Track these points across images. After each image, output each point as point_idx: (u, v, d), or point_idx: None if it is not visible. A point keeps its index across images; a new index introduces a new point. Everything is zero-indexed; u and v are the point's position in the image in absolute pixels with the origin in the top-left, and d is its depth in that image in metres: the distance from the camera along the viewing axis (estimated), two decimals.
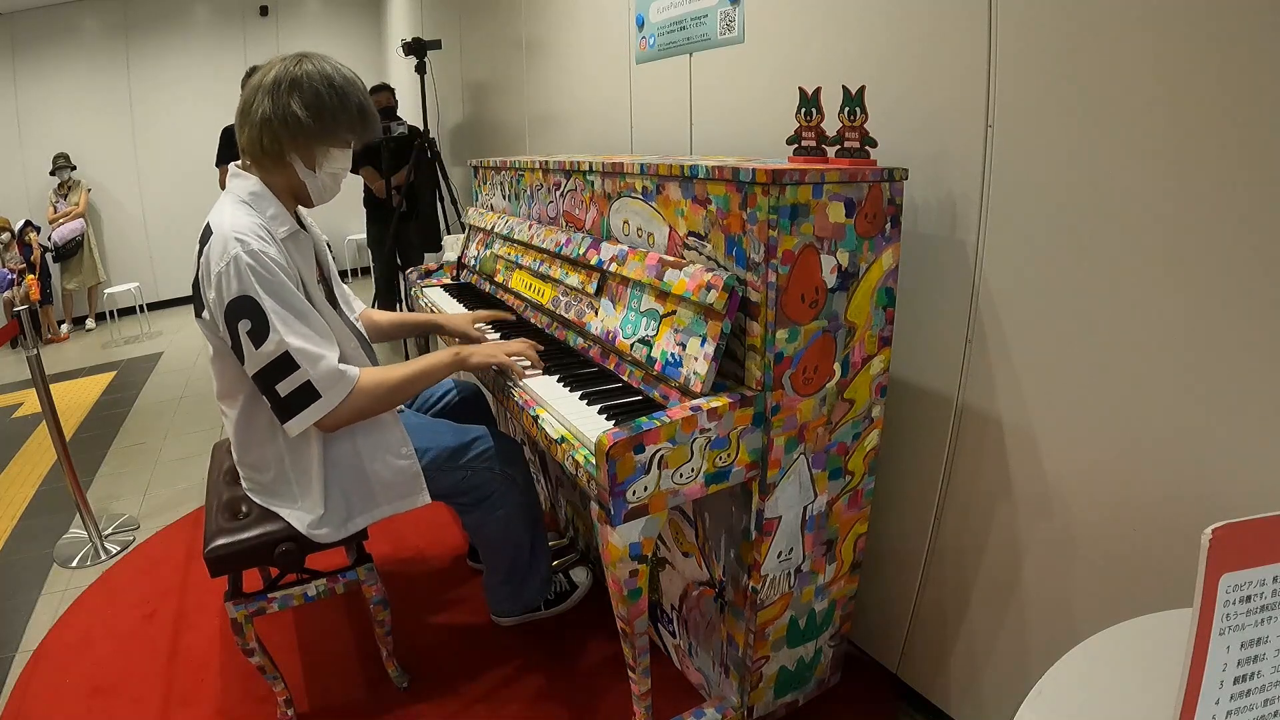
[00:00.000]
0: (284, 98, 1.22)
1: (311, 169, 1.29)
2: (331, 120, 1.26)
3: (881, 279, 1.17)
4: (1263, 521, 0.57)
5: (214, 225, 1.21)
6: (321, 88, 1.24)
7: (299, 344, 1.19)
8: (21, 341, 2.18)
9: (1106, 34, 0.98)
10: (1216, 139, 0.89)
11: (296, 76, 1.23)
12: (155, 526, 2.43)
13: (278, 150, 1.25)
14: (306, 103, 1.23)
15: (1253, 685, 0.60)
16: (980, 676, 1.36)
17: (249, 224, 1.21)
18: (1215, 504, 0.95)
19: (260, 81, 1.24)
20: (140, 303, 5.61)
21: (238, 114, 1.27)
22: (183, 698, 1.62)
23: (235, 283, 1.16)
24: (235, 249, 1.16)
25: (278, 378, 1.19)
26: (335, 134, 1.28)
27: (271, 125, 1.23)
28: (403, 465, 1.41)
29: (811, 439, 1.18)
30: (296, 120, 1.22)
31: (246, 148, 1.27)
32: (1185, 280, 0.95)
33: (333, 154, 1.30)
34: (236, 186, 1.28)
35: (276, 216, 1.28)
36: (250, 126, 1.24)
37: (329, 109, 1.25)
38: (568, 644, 1.71)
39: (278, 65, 1.25)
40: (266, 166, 1.28)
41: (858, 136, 1.15)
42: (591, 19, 2.29)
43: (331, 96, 1.25)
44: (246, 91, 1.26)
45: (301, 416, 1.22)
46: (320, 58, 1.27)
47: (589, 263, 1.44)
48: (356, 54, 6.52)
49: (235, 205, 1.24)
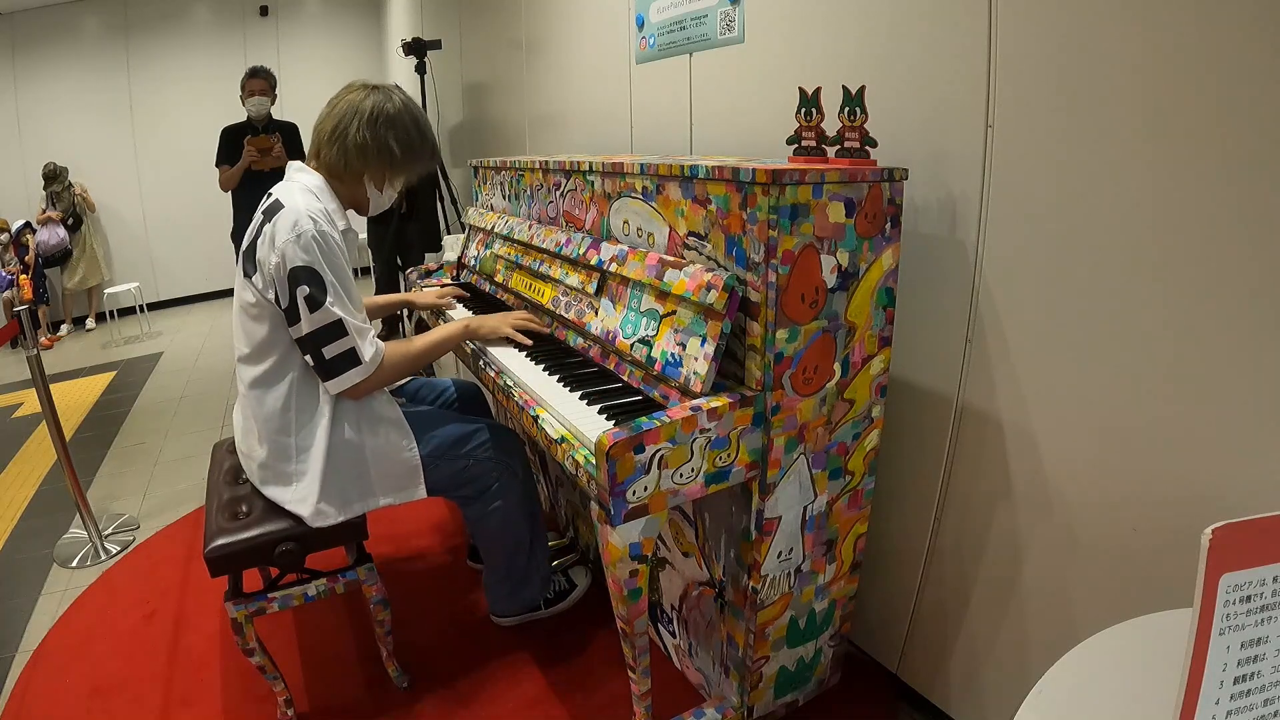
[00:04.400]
0: (381, 132, 1.39)
1: (379, 190, 1.46)
2: (415, 157, 1.45)
3: (881, 279, 1.17)
4: (1263, 521, 0.57)
5: (285, 201, 1.31)
6: (412, 129, 1.43)
7: (349, 317, 1.31)
8: (21, 341, 2.18)
9: (1106, 34, 0.98)
10: (1216, 139, 0.89)
11: (391, 115, 1.40)
12: (155, 526, 2.43)
13: (360, 171, 1.41)
14: (399, 140, 1.41)
15: (1253, 685, 0.60)
16: (980, 676, 1.36)
17: (319, 209, 1.33)
18: (1215, 504, 0.94)
19: (357, 107, 1.38)
20: (140, 303, 5.60)
21: (326, 130, 1.40)
22: (183, 698, 1.62)
23: (303, 253, 1.27)
24: (308, 225, 1.28)
25: (327, 341, 1.31)
26: (413, 167, 1.47)
27: (365, 152, 1.39)
28: (403, 458, 1.45)
29: (811, 439, 1.18)
30: (390, 152, 1.40)
31: (328, 160, 1.41)
32: (1185, 280, 0.95)
33: (399, 178, 1.48)
34: (304, 179, 1.40)
35: (337, 212, 1.41)
36: (342, 147, 1.39)
37: (415, 146, 1.44)
38: (568, 644, 1.71)
39: (371, 95, 1.40)
40: (341, 177, 1.42)
41: (858, 136, 1.15)
42: (591, 19, 2.29)
43: (418, 137, 1.44)
44: (339, 113, 1.39)
45: (342, 378, 1.34)
46: (401, 93, 1.45)
47: (589, 263, 1.44)
48: (356, 54, 6.54)
49: (306, 193, 1.36)
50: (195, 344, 5.02)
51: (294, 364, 1.36)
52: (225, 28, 6.19)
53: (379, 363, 1.36)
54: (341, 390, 1.35)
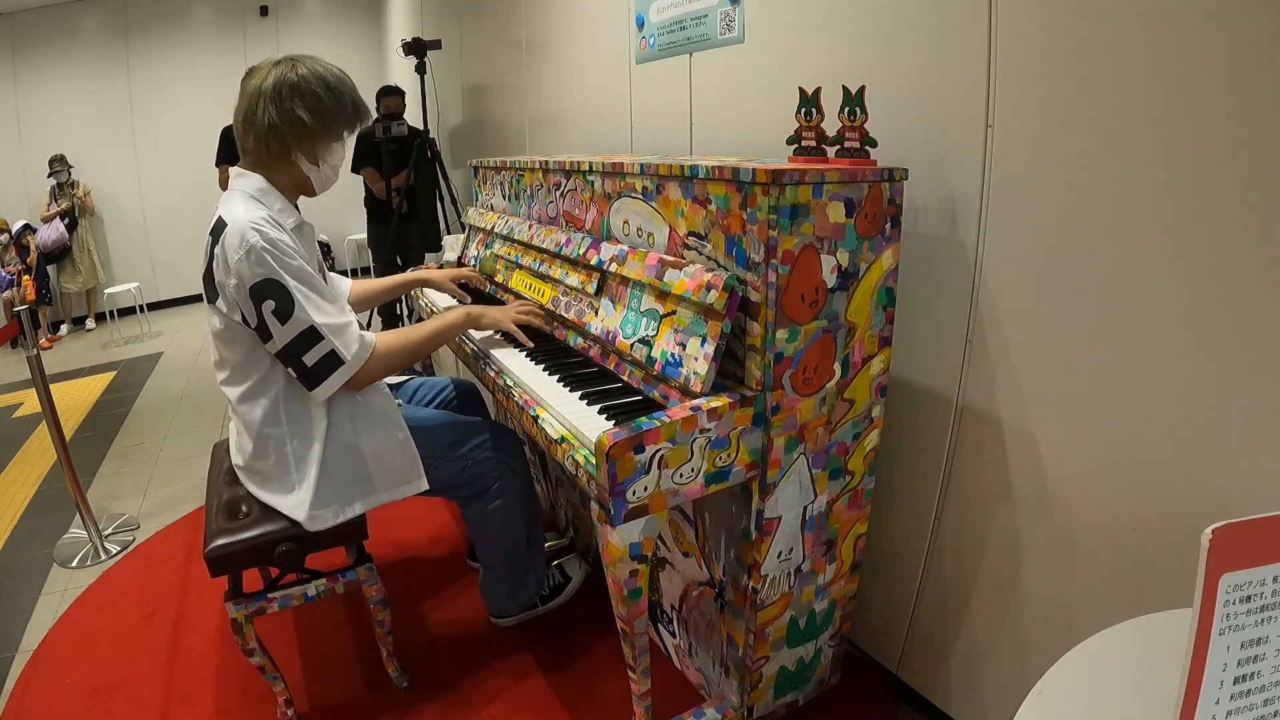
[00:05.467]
0: (287, 103, 1.29)
1: (315, 164, 1.37)
2: (331, 119, 1.34)
3: (881, 279, 1.17)
4: (1263, 521, 0.57)
5: (227, 218, 1.26)
6: (319, 90, 1.31)
7: (321, 319, 1.27)
8: (21, 341, 2.18)
9: (1106, 34, 0.98)
10: (1217, 138, 0.89)
11: (294, 82, 1.30)
12: (155, 526, 2.43)
13: (284, 151, 1.32)
14: (308, 106, 1.30)
15: (1253, 685, 0.60)
16: (980, 676, 1.36)
17: (262, 215, 1.27)
18: (1215, 504, 0.94)
19: (260, 88, 1.30)
20: (140, 303, 5.61)
21: (239, 120, 1.33)
22: (183, 698, 1.62)
23: (257, 267, 1.23)
24: (253, 238, 1.23)
25: (304, 350, 1.27)
26: (335, 131, 1.36)
27: (279, 130, 1.30)
28: (401, 450, 1.44)
29: (811, 439, 1.18)
30: (301, 123, 1.30)
31: (252, 151, 1.34)
32: (1185, 280, 0.95)
33: (333, 148, 1.39)
34: (243, 185, 1.33)
35: (283, 210, 1.34)
36: (255, 133, 1.31)
37: (329, 109, 1.33)
38: (568, 644, 1.71)
39: (273, 71, 1.31)
40: (272, 166, 1.34)
41: (858, 136, 1.15)
42: (591, 19, 2.29)
43: (329, 97, 1.33)
44: (246, 99, 1.32)
45: (328, 382, 1.30)
46: (309, 59, 1.34)
47: (589, 263, 1.44)
48: (356, 54, 6.53)
49: (245, 200, 1.30)
50: (195, 344, 5.02)
51: (276, 378, 1.34)
52: (225, 27, 6.19)
53: (367, 355, 1.32)
54: (331, 393, 1.32)
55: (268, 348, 1.28)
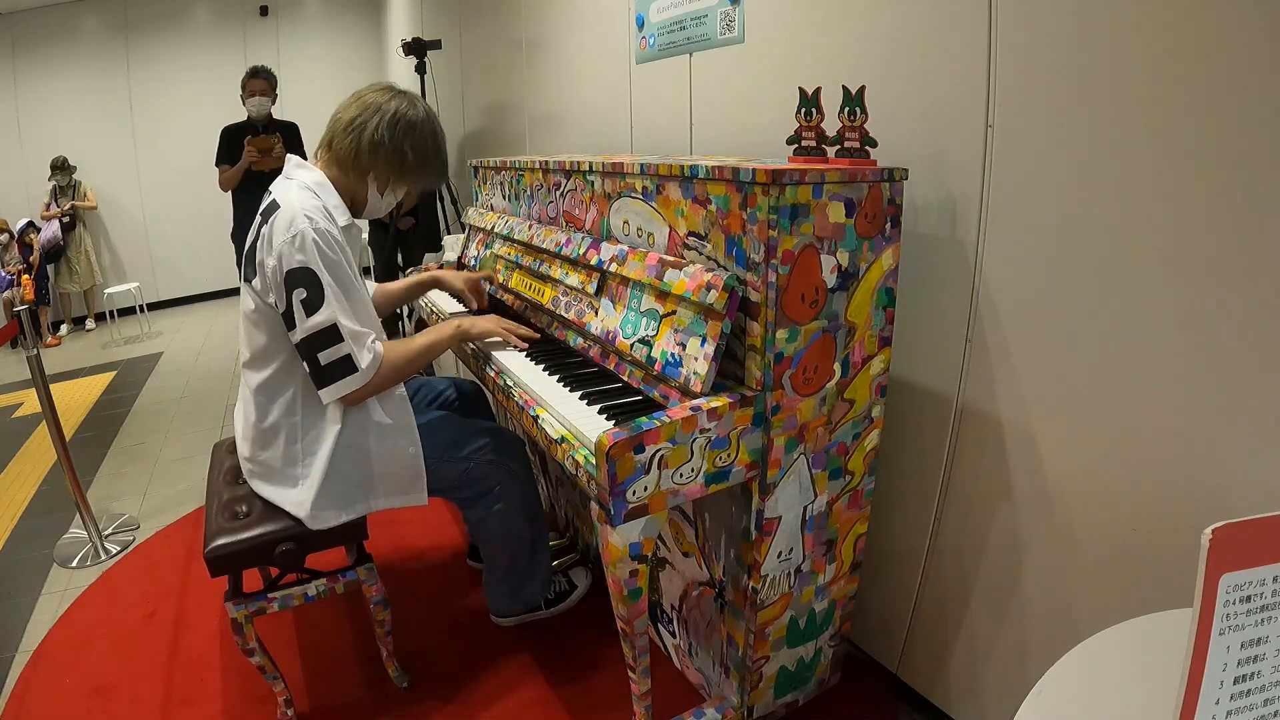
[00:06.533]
0: (400, 135, 1.37)
1: (380, 193, 1.44)
2: (425, 167, 1.43)
3: (881, 279, 1.17)
4: (1263, 521, 0.57)
5: (281, 201, 1.29)
6: (429, 141, 1.42)
7: (347, 321, 1.28)
8: (21, 341, 2.18)
9: (1106, 34, 0.98)
10: (1217, 138, 0.89)
11: (414, 121, 1.39)
12: (155, 526, 2.43)
13: (368, 168, 1.39)
14: (415, 146, 1.39)
15: (1253, 685, 0.60)
16: (980, 676, 1.36)
17: (317, 206, 1.30)
18: (1215, 504, 0.94)
19: (380, 105, 1.37)
20: (140, 303, 5.61)
21: (343, 120, 1.38)
22: (183, 698, 1.62)
23: (300, 254, 1.24)
24: (304, 224, 1.25)
25: (322, 347, 1.27)
26: (421, 177, 1.45)
27: (380, 150, 1.36)
28: (408, 462, 1.44)
29: (811, 439, 1.18)
30: (403, 158, 1.39)
31: (339, 151, 1.38)
32: (1185, 280, 0.95)
33: (403, 189, 1.46)
34: (303, 176, 1.36)
35: (338, 208, 1.37)
36: (357, 142, 1.36)
37: (429, 159, 1.43)
38: (568, 644, 1.71)
39: (394, 99, 1.39)
40: (345, 171, 1.39)
41: (858, 136, 1.15)
42: (591, 19, 2.29)
43: (434, 150, 1.44)
44: (360, 106, 1.38)
45: (336, 386, 1.30)
46: (426, 105, 1.44)
47: (589, 263, 1.44)
48: (356, 54, 6.54)
49: (302, 190, 1.32)
50: (195, 344, 5.02)
51: (299, 369, 1.34)
52: (225, 28, 6.19)
53: (376, 370, 1.31)
54: (335, 399, 1.32)
55: (290, 337, 1.29)
